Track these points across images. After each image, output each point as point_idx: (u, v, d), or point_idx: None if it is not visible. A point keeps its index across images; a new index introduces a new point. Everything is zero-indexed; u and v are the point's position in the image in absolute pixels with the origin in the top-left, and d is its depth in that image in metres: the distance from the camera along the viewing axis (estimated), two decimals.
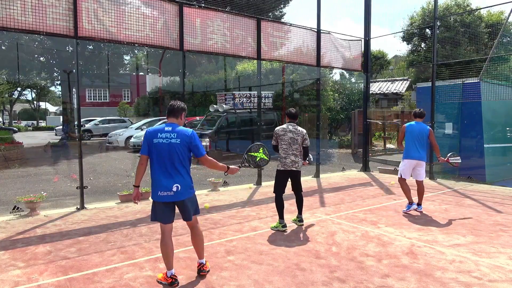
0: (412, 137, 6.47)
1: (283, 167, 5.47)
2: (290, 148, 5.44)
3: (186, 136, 3.65)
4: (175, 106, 3.79)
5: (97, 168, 11.95)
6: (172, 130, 3.65)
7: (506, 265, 4.18)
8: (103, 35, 6.64)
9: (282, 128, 5.54)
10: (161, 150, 3.60)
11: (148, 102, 28.76)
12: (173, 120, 3.76)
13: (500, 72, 10.87)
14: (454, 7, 20.35)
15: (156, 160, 3.62)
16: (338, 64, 10.75)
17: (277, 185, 5.54)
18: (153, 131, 3.67)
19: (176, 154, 3.61)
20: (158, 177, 3.61)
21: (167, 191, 3.58)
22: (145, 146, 3.68)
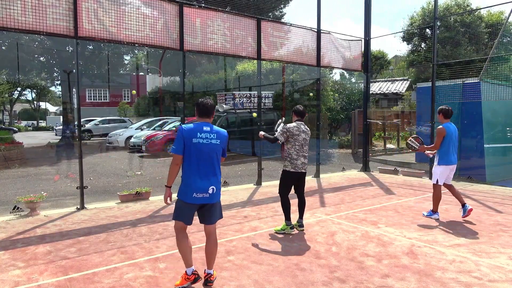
0: (451, 140, 5.98)
1: (293, 168, 5.23)
2: (301, 150, 5.26)
3: (225, 137, 3.62)
4: (208, 106, 3.61)
5: (97, 168, 11.95)
6: (211, 130, 3.54)
7: (506, 265, 4.18)
8: (103, 35, 6.64)
9: (296, 127, 5.26)
10: (201, 150, 3.47)
11: (148, 102, 28.77)
12: (206, 119, 3.61)
13: (500, 72, 10.86)
14: (454, 7, 20.35)
15: (193, 160, 3.47)
16: (338, 64, 10.74)
17: (284, 187, 5.32)
18: (191, 130, 3.48)
19: (215, 155, 3.55)
20: (194, 178, 3.47)
21: (203, 192, 3.48)
22: (180, 145, 3.47)
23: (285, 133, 5.26)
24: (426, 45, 20.95)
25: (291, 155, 5.24)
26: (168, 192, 3.62)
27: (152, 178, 10.04)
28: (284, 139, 5.28)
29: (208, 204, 3.56)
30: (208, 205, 3.57)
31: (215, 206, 3.64)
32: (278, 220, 5.96)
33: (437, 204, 6.16)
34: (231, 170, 11.83)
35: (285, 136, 5.28)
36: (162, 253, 4.54)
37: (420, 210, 6.60)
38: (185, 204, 3.52)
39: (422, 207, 6.82)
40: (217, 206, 3.66)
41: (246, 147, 14.92)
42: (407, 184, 9.16)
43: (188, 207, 3.53)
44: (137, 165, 12.91)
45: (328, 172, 11.08)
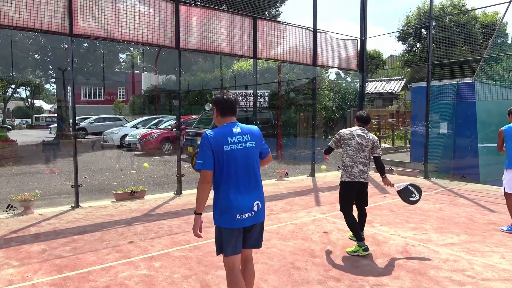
0: None
1: (349, 177, 4.55)
2: (357, 156, 4.56)
3: (259, 135, 2.91)
4: (233, 101, 2.90)
5: (92, 167, 11.89)
6: (243, 131, 2.82)
7: (499, 264, 4.23)
8: (98, 33, 6.61)
9: (348, 131, 4.70)
10: (236, 159, 2.74)
11: (143, 101, 28.67)
12: (232, 118, 2.89)
13: (494, 72, 10.95)
14: (450, 7, 20.46)
15: (229, 173, 2.73)
16: (334, 63, 10.76)
17: (344, 201, 4.64)
18: (220, 136, 2.74)
19: (254, 161, 2.84)
20: (234, 196, 2.73)
21: (247, 212, 2.76)
22: (209, 157, 2.70)
23: (336, 138, 4.79)
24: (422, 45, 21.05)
25: (344, 162, 4.64)
26: (199, 221, 2.86)
27: (147, 177, 10.02)
28: (335, 145, 4.81)
29: (255, 225, 2.86)
30: (254, 226, 2.87)
31: (261, 226, 2.95)
32: (274, 219, 5.98)
33: None
34: None
35: (336, 142, 4.79)
36: (158, 251, 4.53)
37: (414, 209, 6.64)
38: (227, 231, 2.77)
39: (416, 206, 6.85)
40: (262, 227, 2.96)
41: None
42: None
43: (233, 234, 2.77)
44: (132, 164, 12.86)
45: (323, 171, 11.11)
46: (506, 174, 5.48)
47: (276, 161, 13.56)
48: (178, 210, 6.52)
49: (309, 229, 5.47)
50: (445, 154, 10.74)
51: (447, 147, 10.71)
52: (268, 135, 15.09)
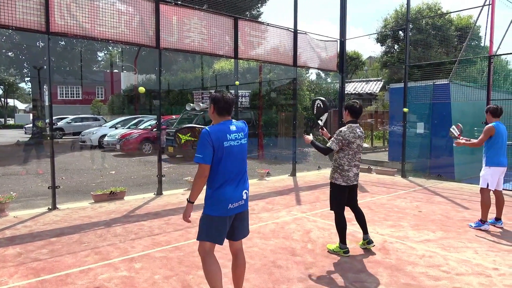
0: (502, 140, 5.51)
1: (345, 182, 4.42)
2: (354, 159, 4.44)
3: (247, 132, 3.18)
4: (230, 101, 3.06)
5: (69, 168, 11.64)
6: (238, 129, 3.06)
7: (472, 259, 4.38)
8: (76, 31, 6.48)
9: (353, 134, 4.39)
10: (233, 154, 2.98)
11: (122, 100, 28.22)
12: (228, 117, 3.09)
13: (468, 74, 11.31)
14: (426, 10, 20.98)
15: (226, 167, 2.95)
16: (314, 64, 10.89)
17: (339, 203, 4.53)
18: (220, 132, 2.94)
19: (245, 156, 3.13)
20: (229, 188, 2.97)
21: (238, 201, 3.01)
22: (209, 152, 2.89)
23: (341, 142, 4.39)
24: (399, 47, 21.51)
25: (342, 166, 4.43)
26: (190, 209, 3.05)
27: (127, 178, 9.88)
28: (338, 148, 4.44)
29: (240, 213, 3.09)
30: (242, 214, 3.11)
31: (247, 216, 3.20)
32: (255, 219, 6.01)
33: (486, 212, 5.53)
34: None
35: (340, 145, 4.41)
36: (138, 253, 4.49)
37: (392, 207, 6.79)
38: (219, 219, 2.97)
39: (394, 204, 7.02)
40: (247, 216, 3.20)
41: None
42: (380, 182, 9.40)
43: (223, 222, 2.99)
44: (112, 164, 12.65)
45: (304, 171, 11.22)
46: (490, 171, 5.52)
47: (258, 161, 13.60)
48: (158, 211, 6.47)
49: (290, 228, 5.53)
50: (421, 154, 11.02)
51: (423, 146, 10.99)
52: (250, 135, 15.12)
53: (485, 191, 5.57)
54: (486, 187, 5.54)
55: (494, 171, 5.52)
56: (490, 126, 5.54)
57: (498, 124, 5.56)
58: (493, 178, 5.53)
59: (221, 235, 3.03)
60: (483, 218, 5.55)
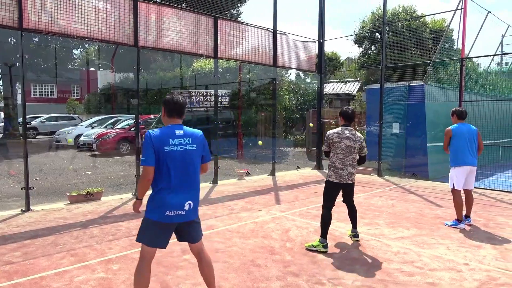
0: (463, 140, 5.68)
1: (338, 179, 4.70)
2: (347, 158, 4.68)
3: (201, 139, 3.06)
4: (181, 103, 3.03)
5: (43, 168, 11.33)
6: (185, 134, 2.98)
7: (444, 255, 4.54)
8: (51, 28, 6.33)
9: (337, 134, 4.73)
10: (174, 160, 2.91)
11: (99, 99, 27.64)
12: (178, 121, 3.03)
13: (442, 76, 11.66)
14: (402, 13, 21.48)
15: (166, 172, 2.90)
16: (294, 64, 10.99)
17: (328, 199, 4.81)
18: (162, 136, 2.91)
19: (192, 164, 2.98)
20: (167, 194, 2.91)
21: (178, 210, 2.92)
22: (151, 155, 2.88)
23: (326, 142, 4.83)
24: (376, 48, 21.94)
25: (334, 164, 4.72)
26: (137, 205, 3.15)
27: (103, 178, 9.70)
28: (327, 148, 4.83)
29: (184, 222, 3.00)
30: (184, 224, 3.02)
31: (195, 223, 3.08)
32: (234, 218, 6.03)
33: (460, 212, 5.70)
34: None
35: (326, 144, 4.83)
36: (115, 254, 4.43)
37: (369, 206, 6.94)
38: (154, 223, 2.95)
39: (370, 203, 7.18)
40: (195, 225, 3.09)
41: None
42: (357, 182, 9.51)
43: (160, 228, 2.96)
44: (88, 165, 12.39)
45: (283, 170, 11.31)
46: (454, 171, 5.76)
47: (237, 160, 13.61)
48: None
49: (269, 227, 5.57)
50: (397, 153, 11.29)
51: (399, 146, 11.26)
52: (229, 134, 15.12)
53: (454, 191, 5.76)
54: (453, 188, 5.75)
55: (458, 171, 5.71)
56: (448, 128, 5.83)
57: (459, 126, 5.77)
58: (458, 178, 5.71)
59: (159, 239, 2.98)
60: (458, 218, 5.72)
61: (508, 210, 6.78)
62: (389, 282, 3.78)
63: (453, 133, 5.75)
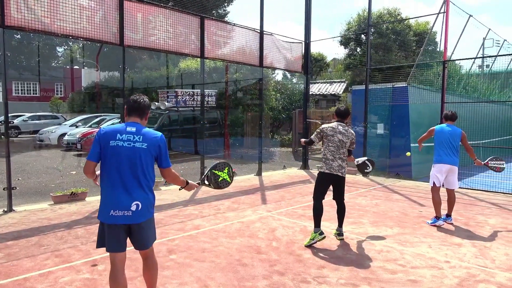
0: (443, 139, 5.87)
1: (328, 169, 4.89)
2: (338, 152, 4.89)
3: (155, 140, 2.93)
4: (141, 103, 2.99)
5: (26, 168, 11.13)
6: (137, 131, 2.89)
7: (426, 253, 4.65)
8: (35, 26, 6.23)
9: (331, 128, 4.94)
10: (120, 156, 2.82)
11: (83, 98, 27.23)
12: (137, 119, 2.99)
13: (425, 77, 11.90)
14: (386, 15, 21.80)
15: (110, 168, 2.83)
16: (280, 65, 11.05)
17: (319, 189, 4.98)
18: (110, 131, 2.86)
19: (140, 162, 2.86)
20: (112, 192, 2.82)
21: (123, 210, 2.79)
22: (95, 150, 2.84)
23: (319, 134, 5.02)
24: (361, 50, 22.22)
25: (326, 155, 4.94)
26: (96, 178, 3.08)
27: (88, 178, 9.57)
28: (318, 140, 5.06)
29: (133, 224, 2.85)
30: (134, 226, 2.86)
31: (143, 227, 2.90)
32: (221, 218, 6.05)
33: (439, 209, 5.87)
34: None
35: (319, 137, 5.03)
36: (101, 255, 4.40)
37: (354, 205, 7.04)
38: (104, 226, 2.85)
39: (355, 202, 7.29)
40: (145, 228, 2.91)
41: (188, 145, 14.79)
42: None
43: (109, 230, 2.82)
44: (72, 164, 12.22)
45: (269, 170, 11.36)
46: (433, 169, 5.97)
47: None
48: None
49: (256, 227, 5.61)
50: (381, 153, 11.47)
51: (383, 146, 11.45)
52: (216, 134, 15.11)
53: (433, 189, 5.95)
54: (433, 186, 5.92)
55: (437, 169, 5.90)
56: (432, 128, 6.10)
57: (443, 126, 6.00)
58: (435, 175, 5.89)
59: (112, 243, 2.85)
60: (437, 215, 5.87)
61: (487, 209, 6.98)
62: (373, 280, 3.87)
63: (435, 132, 5.97)
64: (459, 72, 15.05)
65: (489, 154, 13.73)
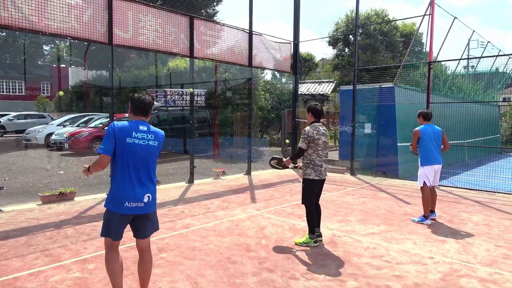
0: (430, 140, 6.00)
1: (318, 176, 4.80)
2: (322, 154, 4.86)
3: (162, 139, 3.24)
4: (146, 102, 3.19)
5: (13, 168, 10.99)
6: (148, 130, 3.15)
7: (411, 249, 4.78)
8: (21, 24, 6.18)
9: (316, 131, 4.80)
10: (135, 152, 3.05)
11: (71, 97, 26.92)
12: (143, 118, 3.20)
13: (412, 78, 12.11)
14: (374, 16, 22.08)
15: (126, 163, 3.04)
16: (269, 65, 11.13)
17: (311, 196, 4.91)
18: (126, 128, 3.05)
19: (152, 159, 3.16)
20: (128, 185, 3.04)
21: (137, 202, 3.04)
22: (110, 145, 3.02)
23: (306, 139, 4.80)
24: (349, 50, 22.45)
25: (313, 161, 4.79)
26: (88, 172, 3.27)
27: (77, 178, 9.53)
28: (306, 146, 4.83)
29: (142, 214, 3.14)
30: (142, 216, 3.15)
31: (150, 217, 3.21)
32: (211, 217, 6.10)
33: (427, 208, 6.00)
34: (163, 168, 11.65)
35: (306, 142, 4.82)
36: (91, 254, 4.42)
37: (341, 204, 7.17)
38: (114, 215, 3.07)
39: (343, 201, 7.41)
40: (152, 217, 3.24)
41: (178, 145, 14.77)
42: (331, 180, 9.83)
43: (118, 219, 3.08)
44: (59, 164, 12.11)
45: (259, 170, 11.44)
46: (423, 170, 6.02)
47: (213, 160, 13.64)
48: None
49: (245, 225, 5.68)
50: (369, 152, 11.65)
51: (371, 146, 11.62)
52: (205, 134, 15.12)
53: (423, 189, 6.06)
54: (423, 185, 6.04)
55: (427, 170, 6.03)
56: (416, 129, 6.13)
57: (425, 127, 6.09)
58: (428, 176, 6.02)
59: (117, 231, 3.11)
60: (425, 214, 6.01)
61: (471, 207, 7.17)
62: (359, 276, 3.97)
63: (421, 134, 6.06)
64: (444, 73, 15.34)
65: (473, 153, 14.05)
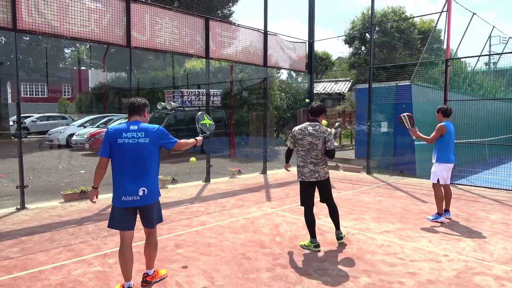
0: (451, 138, 5.96)
1: (301, 177, 4.69)
2: (308, 155, 4.60)
3: (155, 134, 3.45)
4: (135, 103, 3.53)
5: (37, 167, 11.39)
6: (139, 128, 3.42)
7: (426, 247, 4.77)
8: (44, 29, 6.44)
9: (300, 130, 4.66)
10: (126, 151, 3.36)
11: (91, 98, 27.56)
12: (137, 117, 3.53)
13: (430, 75, 11.94)
14: (391, 13, 21.81)
15: (120, 162, 3.39)
16: (285, 64, 11.18)
17: (302, 198, 4.77)
18: (116, 131, 3.40)
19: (144, 155, 3.40)
20: (122, 181, 3.38)
21: (132, 195, 3.36)
22: (106, 147, 3.40)
23: (292, 138, 4.75)
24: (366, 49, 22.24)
25: (297, 162, 4.73)
26: (94, 193, 3.61)
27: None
28: (293, 145, 4.78)
29: (141, 207, 3.45)
30: (142, 208, 3.47)
31: (150, 209, 3.49)
32: (226, 215, 6.21)
33: (440, 205, 5.97)
34: (180, 167, 11.85)
35: (292, 141, 4.76)
36: (111, 249, 4.59)
37: (357, 202, 7.17)
38: (116, 209, 3.42)
39: (358, 199, 7.41)
40: (152, 209, 3.51)
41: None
42: (347, 179, 9.82)
43: (120, 212, 3.41)
44: (81, 164, 12.46)
45: (274, 169, 11.50)
46: (439, 167, 5.93)
47: (229, 159, 13.78)
48: None
49: (260, 223, 5.76)
50: (385, 151, 11.55)
51: (387, 144, 11.53)
52: (221, 134, 15.27)
53: (436, 186, 6.01)
54: (437, 182, 5.98)
55: (444, 168, 5.96)
56: (442, 124, 5.97)
57: (448, 123, 6.00)
58: (443, 174, 5.96)
59: (123, 223, 3.44)
60: (439, 211, 5.98)
61: (489, 205, 7.06)
62: (372, 272, 4.00)
63: (447, 130, 5.90)
64: (464, 69, 15.05)
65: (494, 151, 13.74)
